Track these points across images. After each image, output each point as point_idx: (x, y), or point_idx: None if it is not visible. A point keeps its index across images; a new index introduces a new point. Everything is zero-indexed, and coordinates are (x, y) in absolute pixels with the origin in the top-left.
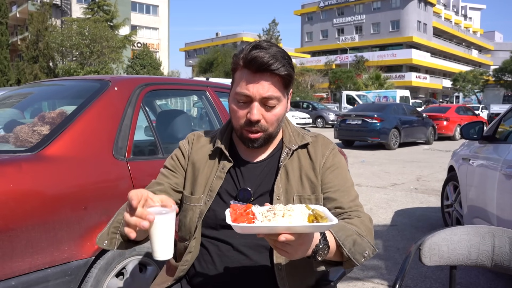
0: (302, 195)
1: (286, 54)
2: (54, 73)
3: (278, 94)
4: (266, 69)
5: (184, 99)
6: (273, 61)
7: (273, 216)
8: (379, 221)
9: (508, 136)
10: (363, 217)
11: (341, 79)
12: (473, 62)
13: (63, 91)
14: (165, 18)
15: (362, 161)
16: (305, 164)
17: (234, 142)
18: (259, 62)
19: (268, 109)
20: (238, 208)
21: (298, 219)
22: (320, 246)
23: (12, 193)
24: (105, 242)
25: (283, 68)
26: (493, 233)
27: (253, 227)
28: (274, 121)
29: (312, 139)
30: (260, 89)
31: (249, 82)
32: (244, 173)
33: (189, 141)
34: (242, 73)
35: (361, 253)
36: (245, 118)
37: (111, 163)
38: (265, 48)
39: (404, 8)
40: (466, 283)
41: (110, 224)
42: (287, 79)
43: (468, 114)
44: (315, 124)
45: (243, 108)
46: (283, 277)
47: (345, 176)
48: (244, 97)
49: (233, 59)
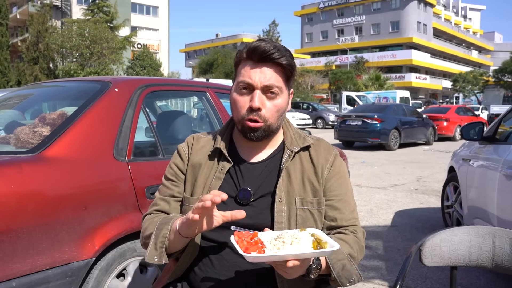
0: (304, 198)
1: (288, 50)
2: (54, 74)
3: (280, 84)
4: (268, 57)
5: (185, 100)
6: (275, 50)
7: (282, 244)
8: (380, 222)
9: (508, 136)
10: (359, 233)
11: (341, 80)
12: (473, 63)
13: (64, 92)
14: (165, 19)
15: (362, 162)
16: (307, 167)
17: (235, 142)
18: (262, 50)
19: (269, 98)
20: (244, 236)
21: (305, 246)
22: (314, 266)
23: (12, 194)
24: (155, 257)
25: (284, 58)
26: (493, 234)
27: (264, 256)
28: (274, 112)
29: (314, 142)
30: (262, 77)
31: (251, 70)
32: (244, 173)
33: (188, 144)
34: (245, 63)
35: (348, 278)
36: (247, 107)
37: (111, 164)
38: (267, 41)
39: (404, 9)
40: (467, 283)
41: (155, 238)
42: (289, 69)
43: (468, 115)
44: (315, 125)
45: (245, 97)
46: (282, 279)
47: (347, 185)
48: (246, 85)
49: (237, 54)
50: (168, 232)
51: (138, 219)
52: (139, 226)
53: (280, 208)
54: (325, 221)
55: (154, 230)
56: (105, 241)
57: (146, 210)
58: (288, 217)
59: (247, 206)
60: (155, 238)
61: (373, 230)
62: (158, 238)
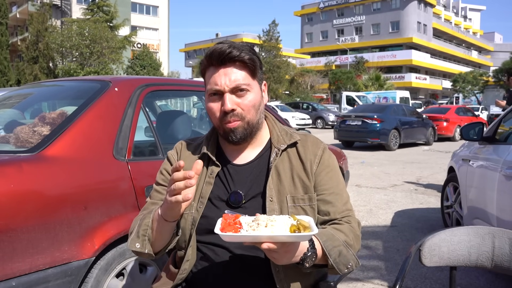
0: (295, 196)
1: (249, 45)
2: (54, 73)
3: (247, 81)
4: (226, 58)
5: (184, 100)
6: (231, 49)
7: (257, 226)
8: (379, 222)
9: (508, 137)
10: (353, 223)
11: (341, 80)
12: (473, 63)
13: (64, 92)
14: (165, 19)
15: (362, 162)
16: (296, 164)
17: (221, 146)
18: (218, 53)
19: (240, 96)
20: (229, 218)
21: (279, 229)
22: (308, 254)
23: (12, 194)
24: (137, 244)
25: (243, 53)
26: (493, 234)
27: (238, 236)
28: (250, 107)
29: (300, 137)
30: (227, 79)
31: (215, 75)
32: (233, 176)
33: (177, 150)
34: (208, 71)
35: (345, 264)
36: (221, 112)
37: (111, 163)
38: (225, 43)
39: (404, 9)
40: (466, 284)
41: (138, 227)
42: (251, 64)
43: (468, 115)
44: (315, 125)
45: (217, 103)
46: (281, 279)
47: (338, 178)
48: (214, 91)
49: (200, 64)
50: (150, 220)
51: None
52: None
53: (272, 207)
54: (319, 216)
55: (138, 222)
56: (104, 241)
57: None
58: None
59: (239, 208)
60: (138, 227)
61: (372, 230)
62: (140, 227)
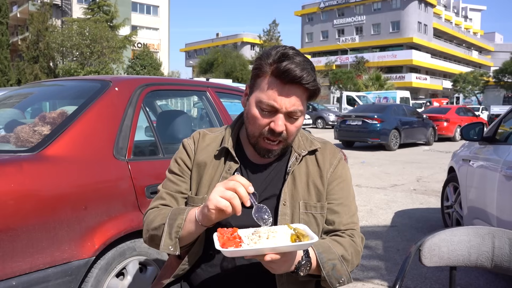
0: (308, 202)
1: (312, 65)
2: (54, 73)
3: (302, 108)
4: (297, 82)
5: (185, 100)
6: (305, 75)
7: (258, 238)
8: (379, 222)
9: (508, 137)
10: (356, 237)
11: (341, 80)
12: (473, 63)
13: (64, 91)
14: (166, 19)
15: (362, 162)
16: (313, 171)
17: (242, 142)
18: (292, 75)
19: (291, 121)
20: (225, 232)
21: (282, 240)
22: (303, 262)
23: (12, 193)
24: (171, 247)
25: (312, 83)
26: (493, 234)
27: (241, 250)
28: (294, 132)
29: (321, 145)
30: (288, 102)
31: (278, 93)
32: (250, 175)
33: (194, 140)
34: (270, 82)
35: (337, 279)
36: (268, 127)
37: (111, 163)
38: (293, 58)
39: (404, 9)
40: (466, 284)
41: (169, 227)
42: (314, 92)
43: (468, 115)
44: (315, 124)
45: (266, 117)
46: (283, 282)
47: (349, 190)
48: (270, 107)
49: (257, 62)
50: (183, 222)
51: (137, 218)
52: (138, 225)
53: (284, 211)
54: (324, 225)
55: (166, 220)
56: (104, 240)
57: (146, 209)
58: (291, 220)
59: (252, 208)
60: (169, 228)
61: (372, 230)
62: (172, 228)
